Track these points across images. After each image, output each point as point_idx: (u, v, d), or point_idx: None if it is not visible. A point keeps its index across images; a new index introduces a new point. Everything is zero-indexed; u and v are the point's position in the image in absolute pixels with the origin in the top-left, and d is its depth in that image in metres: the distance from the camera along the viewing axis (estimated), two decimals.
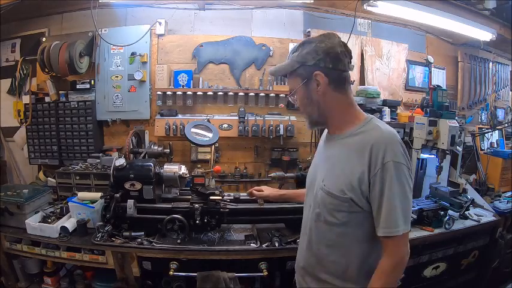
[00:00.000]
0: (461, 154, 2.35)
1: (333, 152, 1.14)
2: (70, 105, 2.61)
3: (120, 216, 1.80)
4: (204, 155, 2.60)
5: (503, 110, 3.79)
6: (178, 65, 2.66)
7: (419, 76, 3.21)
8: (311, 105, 1.13)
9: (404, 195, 0.98)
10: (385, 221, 0.98)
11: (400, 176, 0.97)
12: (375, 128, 1.05)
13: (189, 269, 1.75)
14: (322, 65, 1.06)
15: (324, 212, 1.10)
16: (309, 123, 1.21)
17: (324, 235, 1.12)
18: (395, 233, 0.97)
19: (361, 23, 2.95)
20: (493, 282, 2.41)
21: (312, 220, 1.16)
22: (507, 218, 2.30)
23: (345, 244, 1.08)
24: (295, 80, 1.13)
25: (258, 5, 2.75)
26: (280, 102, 2.66)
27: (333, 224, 1.08)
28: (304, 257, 1.22)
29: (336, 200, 1.05)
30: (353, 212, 1.04)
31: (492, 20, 3.02)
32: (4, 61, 2.90)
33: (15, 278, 2.11)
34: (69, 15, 2.73)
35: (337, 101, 1.10)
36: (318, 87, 1.08)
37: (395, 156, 0.97)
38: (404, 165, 0.98)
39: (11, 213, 1.94)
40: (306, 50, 1.08)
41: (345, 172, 1.04)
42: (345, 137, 1.10)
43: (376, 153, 0.98)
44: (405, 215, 0.98)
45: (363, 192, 1.01)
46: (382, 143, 0.99)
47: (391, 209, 0.97)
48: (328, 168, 1.13)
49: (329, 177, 1.10)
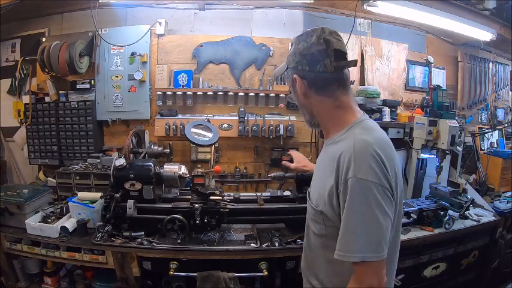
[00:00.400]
0: (461, 154, 2.35)
1: (319, 159, 1.12)
2: (70, 105, 2.61)
3: (120, 216, 1.80)
4: (204, 155, 2.60)
5: (503, 110, 3.79)
6: (178, 65, 2.66)
7: (419, 76, 3.21)
8: (301, 107, 1.11)
9: (371, 217, 0.83)
10: (339, 243, 0.87)
11: (364, 194, 0.83)
12: (348, 137, 0.93)
13: (189, 269, 1.74)
14: (300, 68, 1.01)
15: (309, 220, 1.10)
16: (305, 123, 1.17)
17: (313, 242, 1.10)
18: (349, 259, 0.84)
19: (361, 23, 2.95)
20: (493, 282, 2.41)
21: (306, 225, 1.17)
22: (507, 218, 2.30)
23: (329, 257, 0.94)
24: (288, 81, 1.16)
25: (258, 5, 2.75)
26: (280, 102, 2.66)
27: (315, 234, 1.06)
28: (302, 259, 1.22)
29: (312, 210, 1.04)
30: (328, 226, 0.97)
31: (492, 20, 3.02)
32: (4, 61, 2.90)
33: (15, 278, 2.11)
34: (69, 15, 2.73)
35: (323, 105, 1.03)
36: (298, 90, 1.04)
37: (360, 171, 0.84)
38: (372, 182, 0.83)
39: (11, 213, 1.94)
40: (290, 52, 1.06)
41: (320, 184, 1.01)
42: (328, 144, 1.05)
43: (342, 167, 0.88)
44: (370, 241, 0.84)
45: (334, 208, 0.92)
46: (348, 154, 0.87)
47: (348, 231, 0.86)
48: (314, 177, 1.12)
49: (312, 186, 1.10)
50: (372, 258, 0.83)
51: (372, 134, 0.93)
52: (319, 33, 0.98)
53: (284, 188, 2.28)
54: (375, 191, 0.83)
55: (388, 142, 0.96)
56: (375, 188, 0.83)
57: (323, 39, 0.97)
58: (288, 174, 2.03)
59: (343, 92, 1.01)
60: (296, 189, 1.96)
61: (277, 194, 2.03)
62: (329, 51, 0.96)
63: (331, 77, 0.99)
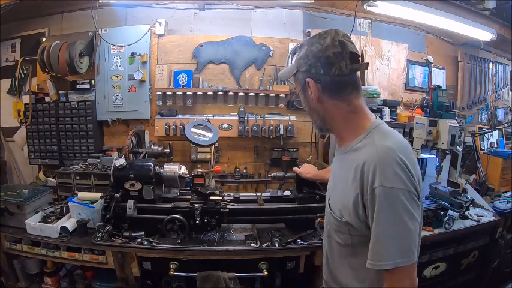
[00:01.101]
0: (461, 154, 2.35)
1: (336, 168, 1.09)
2: (70, 105, 2.61)
3: (120, 216, 1.80)
4: (204, 155, 2.60)
5: (503, 110, 3.79)
6: (178, 65, 2.66)
7: (419, 76, 3.21)
8: (311, 112, 1.05)
9: (400, 224, 0.84)
10: (371, 253, 0.87)
11: (392, 202, 0.83)
12: (369, 143, 0.92)
13: (189, 269, 1.75)
14: (313, 71, 0.96)
15: (331, 231, 1.04)
16: (315, 128, 1.11)
17: (336, 253, 1.06)
18: (383, 267, 0.84)
19: (361, 23, 2.95)
20: (493, 282, 2.41)
21: (326, 235, 1.12)
22: (507, 218, 2.30)
23: (356, 264, 0.97)
24: (296, 85, 1.06)
25: (258, 5, 2.75)
26: (280, 102, 2.66)
27: (339, 244, 1.02)
28: (324, 270, 1.17)
29: (336, 221, 0.99)
30: (354, 235, 0.96)
31: (492, 20, 3.02)
32: (4, 61, 2.90)
33: (15, 278, 2.11)
34: (69, 15, 2.73)
35: (337, 109, 0.99)
36: (311, 94, 0.99)
37: (386, 179, 0.83)
38: (399, 189, 0.83)
39: (11, 213, 1.94)
40: (301, 54, 0.99)
41: (342, 194, 0.97)
42: (345, 152, 1.01)
43: (366, 176, 0.87)
44: (401, 246, 0.84)
45: (360, 217, 0.91)
46: (372, 163, 0.86)
47: (379, 240, 0.85)
48: (331, 187, 1.09)
49: (332, 196, 1.06)
50: (403, 264, 0.84)
51: (392, 139, 0.92)
52: (333, 36, 0.95)
53: (284, 188, 2.28)
54: (402, 197, 0.83)
55: (408, 145, 0.95)
56: (402, 195, 0.83)
57: (338, 41, 0.94)
58: (288, 174, 2.03)
59: (356, 96, 0.99)
60: (296, 189, 1.96)
61: (277, 194, 2.03)
62: (344, 53, 0.93)
63: (346, 80, 0.96)
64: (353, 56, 0.94)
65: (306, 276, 1.97)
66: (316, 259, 1.89)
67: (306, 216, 1.92)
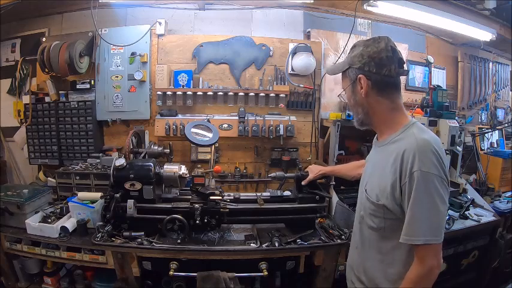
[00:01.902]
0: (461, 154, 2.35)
1: (375, 158, 1.21)
2: (70, 105, 2.61)
3: (120, 216, 1.80)
4: (204, 155, 2.60)
5: (503, 110, 3.79)
6: (178, 65, 2.66)
7: (419, 76, 3.21)
8: (356, 105, 1.17)
9: (432, 205, 0.97)
10: (406, 228, 0.99)
11: (427, 186, 0.96)
12: (409, 136, 1.05)
13: (189, 269, 1.75)
14: (366, 69, 1.10)
15: (366, 216, 1.16)
16: (356, 122, 1.23)
17: (367, 237, 1.17)
18: (415, 242, 0.98)
19: (361, 23, 2.95)
20: (493, 282, 2.41)
21: (358, 221, 1.24)
22: (507, 218, 2.30)
23: (385, 248, 1.10)
24: (345, 80, 1.19)
25: (258, 5, 2.75)
26: (280, 102, 2.66)
27: (372, 228, 1.13)
28: (351, 256, 1.31)
29: (372, 205, 1.10)
30: (388, 219, 1.07)
31: (492, 20, 3.02)
32: (4, 61, 2.90)
33: (15, 278, 2.11)
34: (69, 15, 2.73)
35: (380, 105, 1.13)
36: (361, 90, 1.12)
37: (424, 165, 0.97)
38: (434, 174, 0.97)
39: (11, 213, 1.94)
40: (355, 53, 1.13)
41: (381, 179, 1.09)
42: (385, 144, 1.14)
43: (406, 162, 1.00)
44: (432, 225, 0.97)
45: (396, 199, 1.03)
46: (411, 151, 0.99)
47: (414, 218, 0.98)
48: (370, 174, 1.19)
49: (370, 182, 1.16)
50: (432, 241, 0.97)
51: (428, 134, 1.06)
52: (387, 41, 1.10)
53: (284, 188, 2.29)
54: (436, 182, 0.97)
55: (439, 140, 1.08)
56: (435, 180, 0.97)
57: (390, 47, 1.10)
58: (288, 174, 2.03)
59: (398, 96, 1.15)
60: (296, 189, 1.96)
61: (277, 194, 2.03)
62: (395, 58, 1.10)
63: (393, 81, 1.13)
64: (401, 62, 1.12)
65: (306, 276, 1.97)
66: (316, 259, 1.90)
67: (306, 216, 1.92)
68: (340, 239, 1.87)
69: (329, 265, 1.91)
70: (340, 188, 2.38)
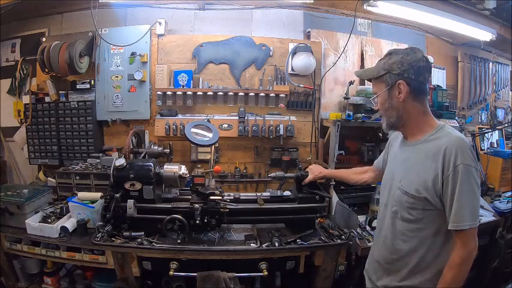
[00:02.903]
0: None
1: (408, 155, 1.27)
2: (70, 105, 2.61)
3: (120, 216, 1.80)
4: (204, 155, 2.60)
5: (503, 110, 3.79)
6: (178, 65, 2.66)
7: None
8: (390, 109, 1.26)
9: (473, 194, 1.10)
10: (454, 216, 1.10)
11: (469, 177, 1.09)
12: (446, 135, 1.17)
13: (189, 269, 1.75)
14: (406, 76, 1.20)
15: (401, 210, 1.24)
16: (386, 125, 1.31)
17: (401, 231, 1.25)
18: (462, 227, 1.09)
19: (361, 23, 2.95)
20: (493, 282, 2.41)
21: (388, 218, 1.31)
22: (507, 218, 2.30)
23: (420, 238, 1.20)
24: (379, 84, 1.28)
25: (258, 5, 2.75)
26: (280, 102, 2.66)
27: (408, 220, 1.21)
28: (380, 251, 1.36)
29: (412, 198, 1.19)
30: (427, 210, 1.17)
31: (492, 20, 3.02)
32: (4, 61, 2.90)
33: (15, 278, 2.11)
34: (69, 15, 2.73)
35: (414, 109, 1.24)
36: (400, 94, 1.21)
37: (465, 159, 1.09)
38: (473, 167, 1.10)
39: (11, 213, 1.94)
40: (393, 60, 1.23)
41: (420, 174, 1.18)
42: (420, 143, 1.23)
43: (448, 157, 1.11)
44: (473, 211, 1.10)
45: (437, 192, 1.14)
46: (453, 147, 1.11)
47: (460, 206, 1.09)
48: (404, 170, 1.26)
49: (406, 178, 1.24)
50: (474, 225, 1.10)
51: (459, 133, 1.20)
52: (422, 52, 1.24)
53: (284, 188, 2.29)
54: (474, 173, 1.11)
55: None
56: (474, 171, 1.11)
57: (425, 57, 1.23)
58: (288, 174, 2.03)
59: (427, 101, 1.27)
60: (296, 189, 1.96)
61: (277, 194, 2.03)
62: (428, 67, 1.23)
63: (425, 88, 1.26)
64: (430, 70, 1.27)
65: (306, 276, 1.97)
66: (316, 259, 1.89)
67: (306, 216, 1.92)
68: (340, 239, 1.87)
69: (329, 265, 1.91)
70: (340, 188, 2.38)
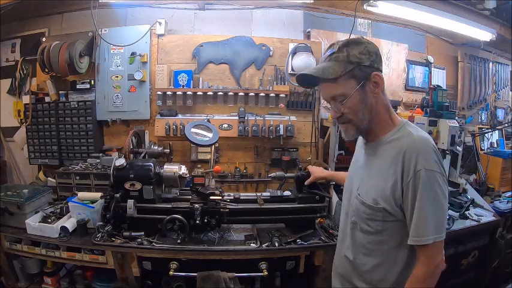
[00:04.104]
0: (461, 154, 2.35)
1: (367, 160, 1.12)
2: (70, 105, 2.61)
3: (120, 216, 1.80)
4: (204, 155, 2.60)
5: (503, 110, 3.79)
6: (178, 65, 2.66)
7: (419, 76, 3.21)
8: (365, 109, 1.04)
9: (437, 203, 0.96)
10: (415, 230, 0.96)
11: (432, 183, 0.95)
12: (407, 135, 1.02)
13: (189, 269, 1.75)
14: (376, 66, 1.03)
15: (359, 221, 1.09)
16: (355, 131, 1.09)
17: (361, 243, 1.10)
18: (425, 242, 0.95)
19: (361, 23, 2.95)
20: (493, 282, 2.41)
21: (348, 228, 1.16)
22: (507, 218, 2.30)
23: (382, 252, 1.06)
24: (348, 83, 1.02)
25: (258, 5, 2.75)
26: (280, 102, 2.66)
27: (368, 232, 1.07)
28: (341, 263, 1.22)
29: (369, 209, 1.04)
30: (387, 221, 1.02)
31: (492, 20, 3.02)
32: (4, 61, 2.90)
33: (15, 278, 2.11)
34: (69, 15, 2.73)
35: (383, 104, 1.07)
36: (376, 89, 1.03)
37: (428, 163, 0.95)
38: (437, 172, 0.95)
39: (11, 213, 1.94)
40: (358, 51, 1.02)
41: (378, 182, 1.03)
42: (379, 145, 1.07)
43: (408, 161, 0.96)
44: (438, 223, 0.96)
45: (396, 201, 0.99)
46: (414, 150, 0.96)
47: (421, 217, 0.95)
48: (362, 178, 1.12)
49: (363, 186, 1.09)
50: (440, 238, 0.96)
51: (423, 132, 1.04)
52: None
53: (284, 188, 2.28)
54: (439, 179, 0.95)
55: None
56: (438, 177, 0.95)
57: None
58: (288, 174, 2.03)
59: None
60: (296, 189, 1.96)
61: (277, 194, 2.03)
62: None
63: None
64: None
65: (306, 276, 1.97)
66: (316, 259, 1.89)
67: (306, 216, 1.92)
68: None
69: (329, 265, 1.88)
70: (340, 188, 2.37)
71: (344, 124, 1.09)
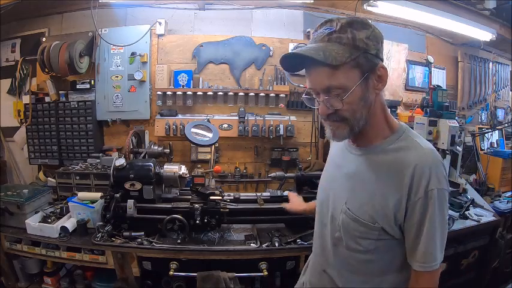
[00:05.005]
0: (461, 154, 2.35)
1: (356, 168, 0.94)
2: (70, 105, 2.61)
3: (120, 216, 1.80)
4: (204, 155, 2.60)
5: (503, 110, 3.79)
6: (178, 65, 2.66)
7: (419, 76, 3.21)
8: (364, 108, 0.85)
9: (444, 225, 0.87)
10: (424, 255, 0.85)
11: (442, 204, 0.84)
12: (415, 147, 0.86)
13: (189, 269, 1.74)
14: (382, 57, 0.84)
15: (347, 238, 0.93)
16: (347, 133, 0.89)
17: (346, 260, 0.96)
18: (433, 268, 0.85)
19: None
20: (493, 282, 2.40)
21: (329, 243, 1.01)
22: (507, 218, 2.30)
23: (372, 272, 0.94)
24: (351, 73, 0.81)
25: (258, 5, 2.75)
26: (280, 102, 2.66)
27: (356, 250, 0.92)
28: (320, 280, 1.06)
29: (363, 227, 0.89)
30: (381, 240, 0.89)
31: (492, 20, 3.02)
32: (4, 61, 2.90)
33: (15, 278, 2.11)
34: (69, 15, 2.73)
35: (380, 104, 0.89)
36: (379, 84, 0.85)
37: (440, 182, 0.82)
38: (446, 190, 0.84)
39: (11, 213, 1.94)
40: (365, 34, 0.81)
41: (375, 197, 0.87)
42: (374, 153, 0.90)
43: (418, 179, 0.82)
44: (442, 246, 0.87)
45: (397, 220, 0.86)
46: (426, 167, 0.82)
47: (431, 241, 0.84)
48: (351, 189, 0.94)
49: (354, 200, 0.92)
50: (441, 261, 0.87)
51: (429, 144, 0.89)
52: None
53: (284, 188, 2.28)
54: (447, 197, 0.85)
55: None
56: (447, 195, 0.85)
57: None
58: (288, 174, 2.03)
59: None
60: (296, 189, 1.96)
61: (277, 194, 2.03)
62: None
63: None
64: None
65: None
66: None
67: (306, 216, 1.92)
68: None
69: None
70: None
71: (335, 123, 0.88)
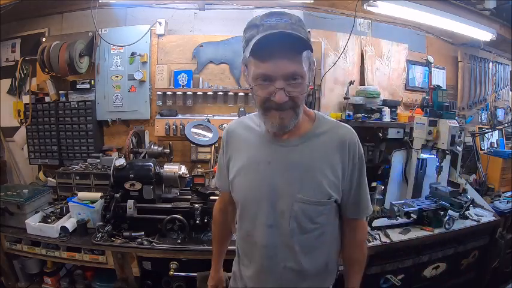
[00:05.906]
0: (461, 154, 2.35)
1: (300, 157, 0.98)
2: (70, 105, 2.61)
3: (120, 216, 1.80)
4: (204, 155, 2.60)
5: (503, 110, 3.79)
6: (178, 65, 2.66)
7: (419, 76, 3.20)
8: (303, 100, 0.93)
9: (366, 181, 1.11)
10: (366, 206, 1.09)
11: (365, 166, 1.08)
12: (338, 126, 1.04)
13: (189, 269, 1.75)
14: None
15: (304, 223, 0.98)
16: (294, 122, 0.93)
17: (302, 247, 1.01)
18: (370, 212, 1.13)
19: (361, 23, 2.94)
20: (493, 282, 2.41)
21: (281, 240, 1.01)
22: (507, 218, 2.30)
23: (325, 243, 1.06)
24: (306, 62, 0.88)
25: (258, 5, 2.74)
26: None
27: (312, 229, 1.00)
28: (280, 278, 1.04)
29: (321, 206, 0.98)
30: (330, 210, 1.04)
31: (492, 20, 3.02)
32: (4, 61, 2.90)
33: (15, 278, 2.11)
34: (69, 15, 2.73)
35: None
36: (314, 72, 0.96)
37: (362, 150, 1.06)
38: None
39: (11, 213, 1.94)
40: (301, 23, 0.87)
41: (326, 175, 0.97)
42: (309, 139, 0.99)
43: (353, 149, 1.02)
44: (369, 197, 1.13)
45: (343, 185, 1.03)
46: (354, 139, 1.03)
47: (367, 194, 1.09)
48: (300, 178, 0.97)
49: (307, 186, 0.97)
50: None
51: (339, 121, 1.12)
52: None
53: None
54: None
55: None
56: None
57: None
58: None
59: None
60: None
61: None
62: None
63: None
64: None
65: None
66: None
67: None
68: None
69: None
70: None
71: (285, 111, 0.90)
